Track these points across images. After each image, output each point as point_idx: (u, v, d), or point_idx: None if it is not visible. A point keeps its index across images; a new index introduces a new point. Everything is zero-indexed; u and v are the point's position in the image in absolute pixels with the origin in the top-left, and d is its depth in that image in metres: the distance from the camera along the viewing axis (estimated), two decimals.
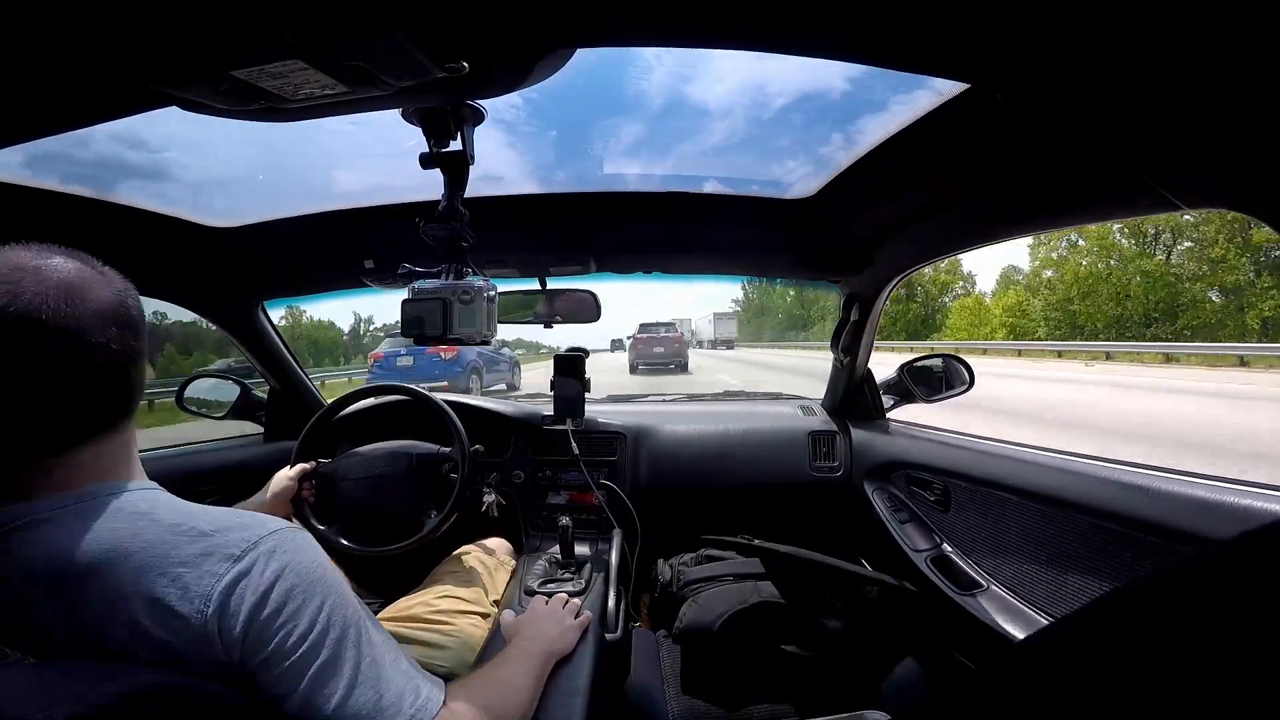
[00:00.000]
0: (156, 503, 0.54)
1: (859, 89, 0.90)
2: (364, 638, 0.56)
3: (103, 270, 0.54)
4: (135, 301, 0.55)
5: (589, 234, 1.35)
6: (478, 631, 1.07)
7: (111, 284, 0.53)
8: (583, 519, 1.49)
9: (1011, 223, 1.00)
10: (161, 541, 0.50)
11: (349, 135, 0.91)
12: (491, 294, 0.86)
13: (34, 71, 0.58)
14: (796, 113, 1.07)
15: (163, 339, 17.87)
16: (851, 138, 0.98)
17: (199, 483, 1.46)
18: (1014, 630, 1.07)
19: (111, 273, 0.55)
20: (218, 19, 0.50)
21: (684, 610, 1.48)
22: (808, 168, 1.13)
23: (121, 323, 0.52)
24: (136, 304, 0.56)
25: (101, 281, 0.52)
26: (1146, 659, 0.50)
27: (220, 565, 0.50)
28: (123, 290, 0.54)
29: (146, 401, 8.03)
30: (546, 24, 0.56)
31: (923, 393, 1.66)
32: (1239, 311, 22.33)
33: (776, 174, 1.20)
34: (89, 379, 0.50)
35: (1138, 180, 0.69)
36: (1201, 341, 19.67)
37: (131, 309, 0.54)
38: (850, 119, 0.96)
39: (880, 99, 0.87)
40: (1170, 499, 0.85)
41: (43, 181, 0.93)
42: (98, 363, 0.50)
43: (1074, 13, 0.49)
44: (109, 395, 0.53)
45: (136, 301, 0.56)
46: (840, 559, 1.46)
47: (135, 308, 0.55)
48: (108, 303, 0.51)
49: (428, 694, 0.60)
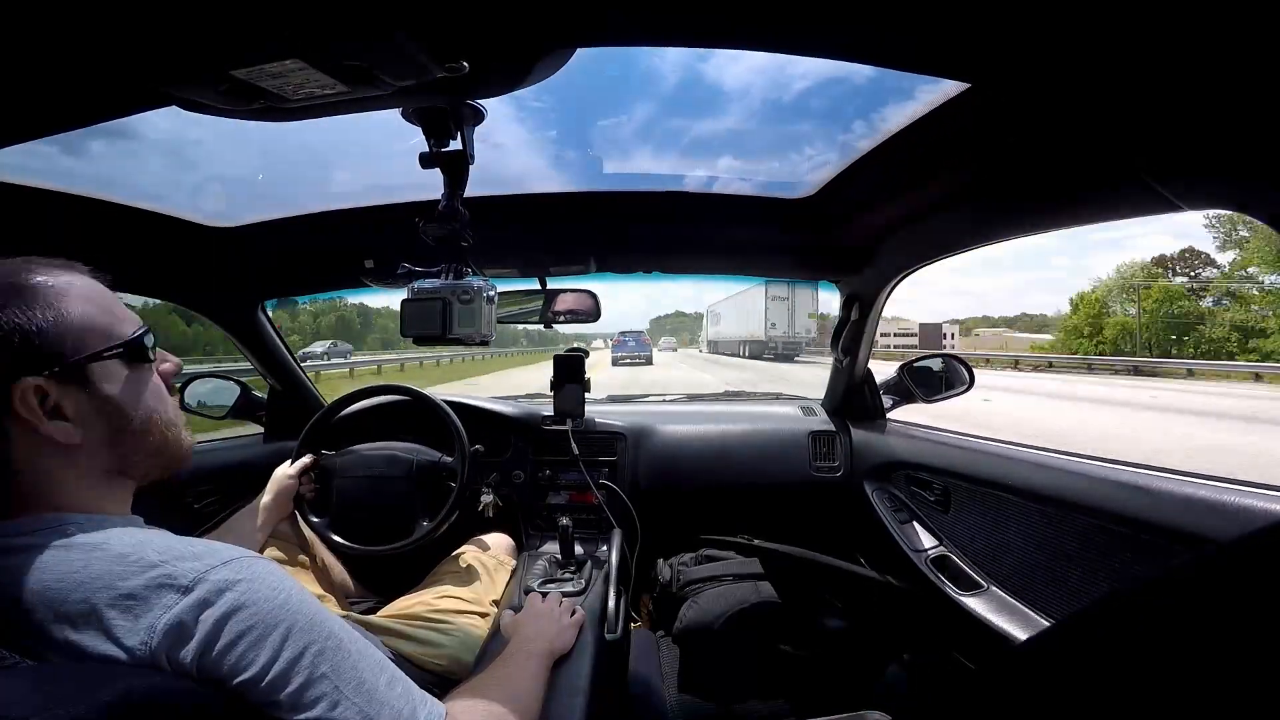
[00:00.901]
0: (110, 535, 0.52)
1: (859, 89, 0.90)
2: (344, 662, 0.53)
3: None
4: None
5: (589, 234, 1.35)
6: (477, 631, 1.07)
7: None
8: (583, 519, 1.49)
9: (1011, 223, 1.00)
10: (109, 573, 0.48)
11: (349, 135, 0.91)
12: (491, 294, 0.86)
13: (34, 71, 0.58)
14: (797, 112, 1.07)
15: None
16: (852, 137, 0.98)
17: (199, 483, 1.46)
18: (1014, 631, 1.06)
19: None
20: (218, 19, 0.50)
21: (684, 610, 1.49)
22: (808, 167, 1.13)
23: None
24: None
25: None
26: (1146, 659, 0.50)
27: (168, 597, 0.48)
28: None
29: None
30: (546, 24, 0.56)
31: (923, 393, 1.66)
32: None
33: (777, 174, 1.20)
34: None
35: (1138, 180, 0.69)
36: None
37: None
38: (850, 119, 0.96)
39: (880, 99, 0.87)
40: (1170, 499, 0.85)
41: (43, 181, 0.93)
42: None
43: (1074, 13, 0.49)
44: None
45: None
46: (840, 559, 1.46)
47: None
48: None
49: (429, 710, 0.57)
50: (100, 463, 0.56)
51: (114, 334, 0.56)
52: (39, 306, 0.51)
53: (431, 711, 0.58)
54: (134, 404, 0.57)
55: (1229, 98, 0.52)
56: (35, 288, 0.52)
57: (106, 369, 0.55)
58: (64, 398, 0.52)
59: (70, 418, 0.53)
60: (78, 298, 0.54)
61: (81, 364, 0.54)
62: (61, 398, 0.52)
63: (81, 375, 0.54)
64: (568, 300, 1.47)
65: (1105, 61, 0.55)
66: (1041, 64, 0.57)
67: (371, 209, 1.23)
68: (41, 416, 0.51)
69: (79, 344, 0.53)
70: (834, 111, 0.97)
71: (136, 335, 0.58)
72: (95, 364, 0.55)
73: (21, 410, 0.50)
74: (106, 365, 0.55)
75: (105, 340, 0.55)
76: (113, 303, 0.58)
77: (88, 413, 0.54)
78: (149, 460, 0.60)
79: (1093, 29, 0.50)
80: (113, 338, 0.56)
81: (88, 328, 0.54)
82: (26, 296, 0.51)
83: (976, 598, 1.18)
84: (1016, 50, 0.56)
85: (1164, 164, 0.66)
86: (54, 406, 0.52)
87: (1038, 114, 0.72)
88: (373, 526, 1.25)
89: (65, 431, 0.53)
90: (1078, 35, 0.51)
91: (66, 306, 0.53)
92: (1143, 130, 0.63)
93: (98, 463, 0.56)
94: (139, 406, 0.58)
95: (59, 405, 0.52)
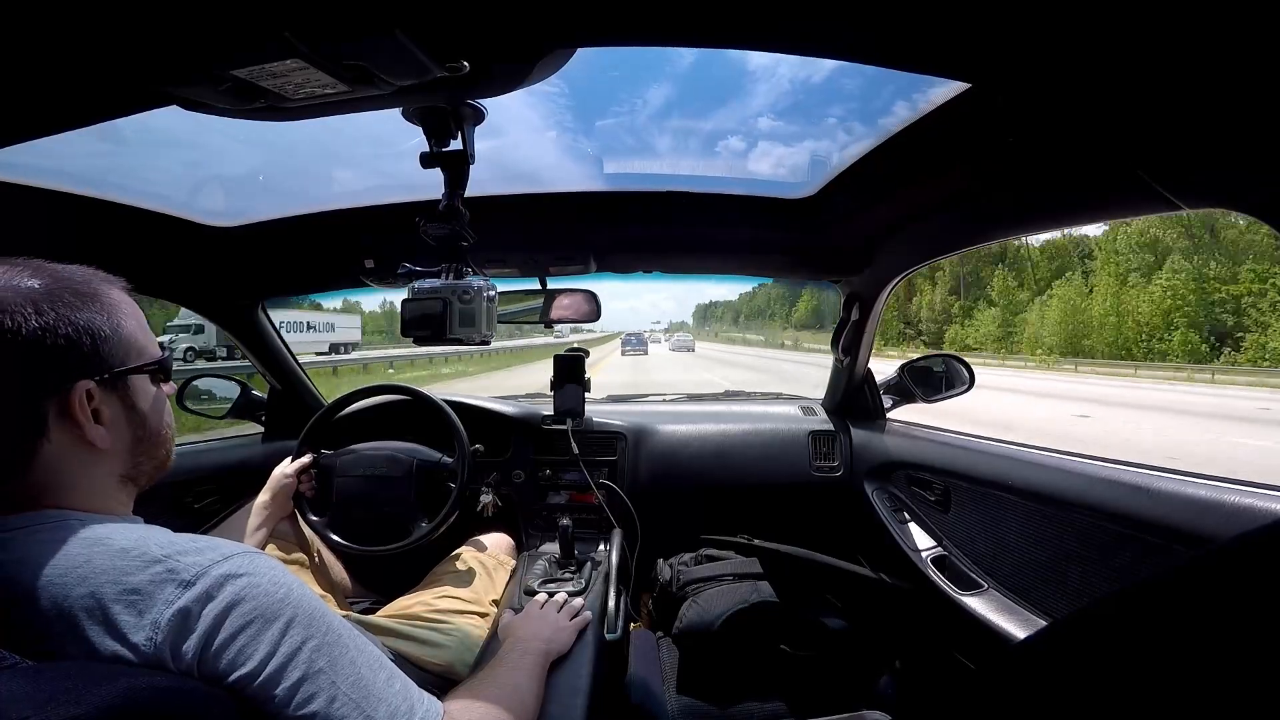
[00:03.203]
0: (112, 531, 0.53)
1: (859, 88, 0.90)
2: (342, 658, 0.54)
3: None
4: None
5: (589, 234, 1.35)
6: (477, 631, 1.07)
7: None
8: (583, 519, 1.49)
9: (1011, 223, 1.00)
10: (113, 567, 0.49)
11: (349, 135, 0.91)
12: (491, 294, 0.86)
13: (34, 71, 0.58)
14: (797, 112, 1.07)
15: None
16: (852, 137, 0.98)
17: (199, 483, 1.46)
18: (1014, 630, 1.07)
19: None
20: (218, 19, 0.50)
21: (684, 610, 1.48)
22: (808, 168, 1.13)
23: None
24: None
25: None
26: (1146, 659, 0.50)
27: (171, 591, 0.48)
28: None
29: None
30: (547, 23, 0.56)
31: (923, 393, 1.66)
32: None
33: (777, 174, 1.20)
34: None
35: (1138, 180, 0.69)
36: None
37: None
38: (850, 118, 0.96)
39: (880, 98, 0.87)
40: (1170, 499, 0.86)
41: (43, 181, 0.93)
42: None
43: (1074, 13, 0.49)
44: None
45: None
46: (840, 559, 1.46)
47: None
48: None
49: (426, 708, 0.58)
50: (117, 468, 0.59)
51: (149, 352, 0.60)
52: (104, 315, 0.56)
53: (429, 709, 0.58)
54: (155, 417, 0.62)
55: (1229, 97, 0.52)
56: (103, 297, 0.56)
57: (140, 383, 0.59)
58: (104, 404, 0.56)
59: (105, 423, 0.56)
60: (130, 313, 0.59)
61: (126, 374, 0.57)
62: (103, 403, 0.55)
63: (124, 385, 0.58)
64: (567, 300, 1.47)
65: (1105, 61, 0.55)
66: (1041, 64, 0.57)
67: (372, 209, 1.23)
68: (89, 419, 0.54)
69: (125, 356, 0.57)
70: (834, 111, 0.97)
71: (166, 356, 0.63)
72: (134, 376, 0.58)
73: (76, 410, 0.53)
74: (140, 379, 0.59)
75: (143, 356, 0.59)
76: (145, 321, 0.62)
77: (119, 421, 0.57)
78: (153, 469, 0.63)
79: (1093, 29, 0.50)
80: (148, 355, 0.60)
81: (133, 342, 0.58)
82: (95, 304, 0.55)
83: (976, 597, 1.18)
84: (1016, 50, 0.56)
85: (1163, 163, 0.66)
86: (95, 410, 0.55)
87: (1037, 114, 0.72)
88: (372, 526, 1.25)
89: (101, 436, 0.55)
90: (1078, 35, 0.52)
91: (122, 319, 0.57)
92: (1142, 130, 0.63)
93: (115, 467, 0.59)
94: (160, 420, 0.62)
95: (99, 410, 0.55)
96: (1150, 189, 0.68)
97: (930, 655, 1.38)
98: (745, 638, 1.41)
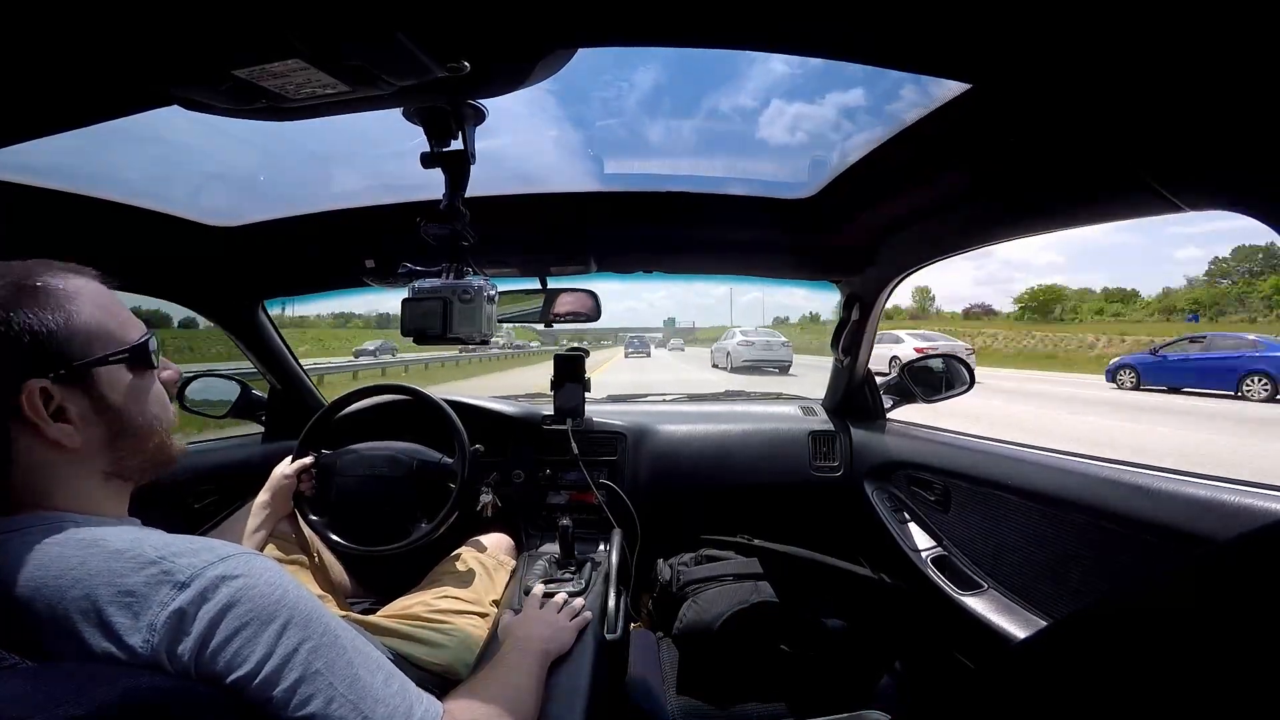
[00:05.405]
0: (107, 533, 0.52)
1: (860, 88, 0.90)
2: (339, 659, 0.53)
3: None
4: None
5: (589, 234, 1.35)
6: (477, 631, 1.07)
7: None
8: (583, 519, 1.49)
9: (1011, 223, 1.00)
10: (108, 569, 0.48)
11: (350, 134, 0.91)
12: (492, 294, 0.86)
13: (35, 71, 0.58)
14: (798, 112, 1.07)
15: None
16: (852, 137, 0.98)
17: (199, 483, 1.46)
18: (1014, 630, 1.07)
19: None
20: (219, 18, 0.50)
21: (684, 610, 1.48)
22: (808, 168, 1.13)
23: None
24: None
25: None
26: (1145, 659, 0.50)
27: (167, 593, 0.48)
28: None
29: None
30: (547, 23, 0.56)
31: (923, 393, 1.66)
32: None
33: (777, 174, 1.20)
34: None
35: (1138, 181, 0.69)
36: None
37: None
38: (851, 118, 0.95)
39: (880, 99, 0.87)
40: (1170, 499, 0.86)
41: (43, 181, 0.93)
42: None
43: (1074, 13, 0.49)
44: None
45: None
46: (840, 559, 1.46)
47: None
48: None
49: (425, 708, 0.57)
50: (99, 465, 0.57)
51: (120, 339, 0.57)
52: (49, 309, 0.52)
53: (428, 709, 0.58)
54: (136, 409, 0.58)
55: (1229, 98, 0.52)
56: (46, 290, 0.53)
57: (111, 374, 0.56)
58: (68, 400, 0.53)
59: (72, 420, 0.53)
60: (87, 302, 0.55)
61: (87, 368, 0.54)
62: (65, 400, 0.53)
63: (86, 379, 0.54)
64: (568, 300, 1.47)
65: (1106, 62, 0.55)
66: (1043, 64, 0.57)
67: (372, 208, 1.23)
68: (47, 419, 0.52)
69: (86, 348, 0.54)
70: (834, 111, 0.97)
71: (141, 341, 0.59)
72: (100, 368, 0.55)
73: (29, 412, 0.51)
74: (111, 370, 0.56)
75: (112, 345, 0.56)
76: (120, 308, 0.59)
77: (89, 416, 0.55)
78: (143, 464, 0.61)
79: (1094, 29, 0.50)
80: (119, 343, 0.57)
81: (95, 332, 0.55)
82: (38, 298, 0.52)
83: (976, 597, 1.18)
84: (1017, 51, 0.56)
85: (1165, 165, 0.66)
86: (58, 409, 0.53)
87: (1039, 114, 0.72)
88: (372, 526, 1.25)
89: (67, 434, 0.53)
90: (1079, 36, 0.52)
91: (76, 310, 0.54)
92: (1144, 131, 0.63)
93: (96, 465, 0.57)
94: (140, 412, 0.59)
95: (63, 407, 0.53)
96: (1152, 190, 0.68)
97: (930, 655, 1.38)
98: (745, 638, 1.41)
